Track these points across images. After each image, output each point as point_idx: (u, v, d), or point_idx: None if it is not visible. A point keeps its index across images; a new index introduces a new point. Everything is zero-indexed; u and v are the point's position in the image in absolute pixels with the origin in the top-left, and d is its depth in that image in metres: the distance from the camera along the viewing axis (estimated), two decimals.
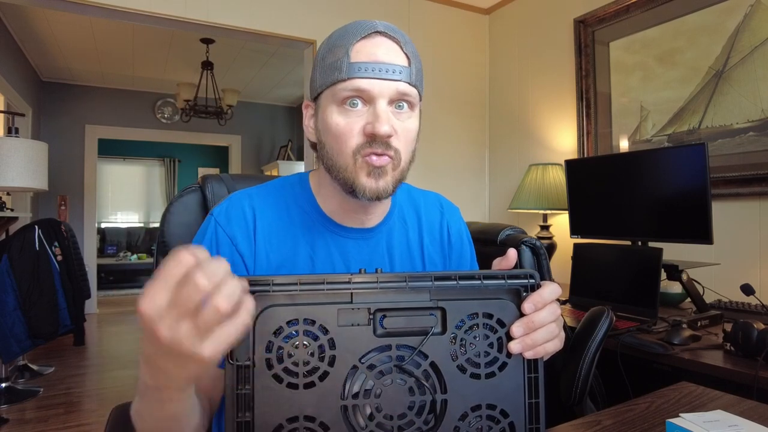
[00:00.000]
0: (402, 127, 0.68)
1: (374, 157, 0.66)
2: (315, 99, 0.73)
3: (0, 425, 2.49)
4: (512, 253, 0.59)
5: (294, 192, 0.78)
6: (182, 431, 0.55)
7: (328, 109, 0.68)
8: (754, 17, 1.80)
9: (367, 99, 0.66)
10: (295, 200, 0.77)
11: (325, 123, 0.69)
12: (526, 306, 0.53)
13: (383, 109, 0.66)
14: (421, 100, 0.73)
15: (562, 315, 0.64)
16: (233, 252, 0.71)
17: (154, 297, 0.40)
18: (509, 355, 0.54)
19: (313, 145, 0.75)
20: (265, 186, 0.79)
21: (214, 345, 0.41)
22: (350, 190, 0.68)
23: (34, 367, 3.31)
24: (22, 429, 2.46)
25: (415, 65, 0.69)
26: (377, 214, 0.77)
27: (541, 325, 0.54)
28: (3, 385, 2.84)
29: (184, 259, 0.40)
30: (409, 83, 0.67)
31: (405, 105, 0.68)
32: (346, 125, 0.67)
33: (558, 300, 0.56)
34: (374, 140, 0.66)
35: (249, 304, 0.43)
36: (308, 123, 0.76)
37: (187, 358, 0.41)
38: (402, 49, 0.68)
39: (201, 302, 0.39)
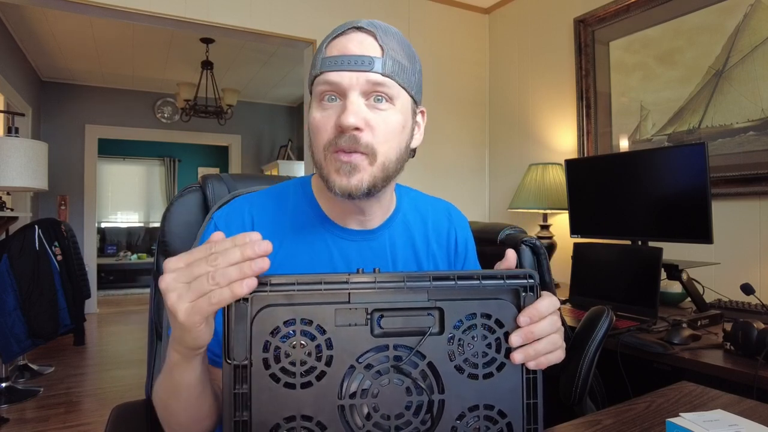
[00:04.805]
0: (378, 120, 0.66)
1: (342, 154, 0.65)
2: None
3: (0, 425, 2.49)
4: (511, 253, 0.58)
5: (296, 195, 0.78)
6: (186, 402, 0.59)
7: (311, 107, 0.69)
8: (754, 17, 1.80)
9: (341, 93, 0.65)
10: (297, 204, 0.77)
11: (308, 120, 0.70)
12: (522, 319, 0.53)
13: (351, 101, 0.64)
14: (413, 97, 0.71)
15: (562, 316, 0.63)
16: None
17: (179, 260, 0.49)
18: (507, 355, 0.53)
19: None
20: (267, 191, 0.79)
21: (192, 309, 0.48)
22: (328, 187, 0.68)
23: (34, 367, 3.31)
24: (22, 429, 2.46)
25: (391, 56, 0.66)
26: (377, 215, 0.76)
27: (542, 336, 0.53)
28: (3, 385, 2.84)
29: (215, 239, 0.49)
30: (381, 74, 0.65)
31: (383, 98, 0.66)
32: (321, 119, 0.67)
33: (559, 303, 0.56)
34: (342, 134, 0.64)
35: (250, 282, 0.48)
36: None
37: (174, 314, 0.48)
38: (377, 41, 0.66)
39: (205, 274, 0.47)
